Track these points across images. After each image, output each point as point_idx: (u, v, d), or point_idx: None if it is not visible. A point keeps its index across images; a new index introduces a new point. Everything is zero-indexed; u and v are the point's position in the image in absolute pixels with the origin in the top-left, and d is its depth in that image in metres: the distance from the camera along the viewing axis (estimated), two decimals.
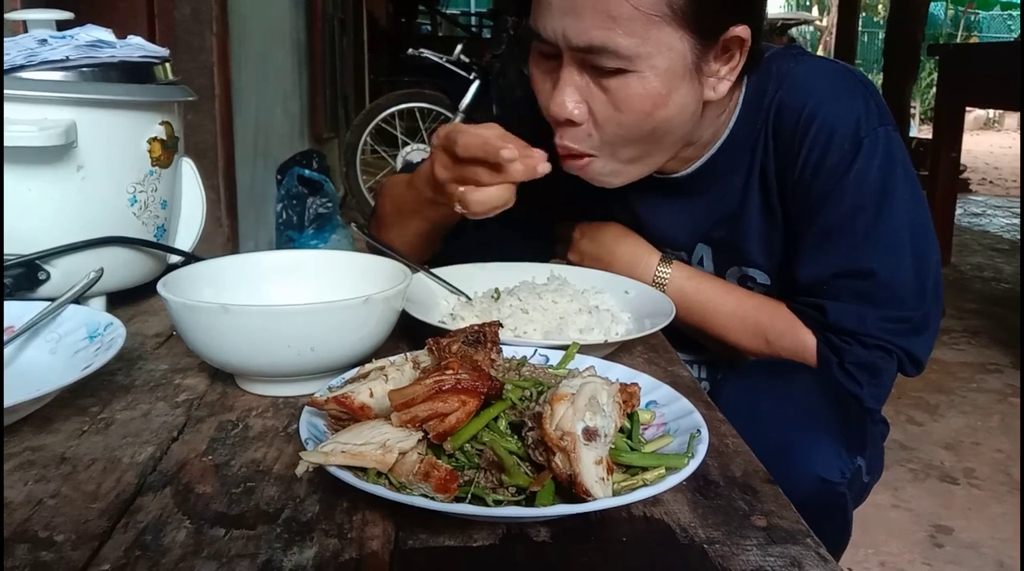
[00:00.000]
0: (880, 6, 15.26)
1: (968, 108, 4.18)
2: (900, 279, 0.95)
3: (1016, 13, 16.21)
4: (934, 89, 4.07)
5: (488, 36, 7.40)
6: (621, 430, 0.60)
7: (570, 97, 0.90)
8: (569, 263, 1.13)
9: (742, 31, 0.90)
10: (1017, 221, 6.06)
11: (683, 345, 1.16)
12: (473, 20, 10.25)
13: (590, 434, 0.54)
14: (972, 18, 16.97)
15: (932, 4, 10.11)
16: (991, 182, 8.14)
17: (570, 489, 0.53)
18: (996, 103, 4.77)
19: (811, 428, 0.85)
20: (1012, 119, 13.94)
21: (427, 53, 4.55)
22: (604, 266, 1.09)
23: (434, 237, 1.11)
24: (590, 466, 0.53)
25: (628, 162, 0.96)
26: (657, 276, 1.06)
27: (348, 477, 0.53)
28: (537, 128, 0.96)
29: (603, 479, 0.53)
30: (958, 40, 14.99)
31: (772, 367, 0.97)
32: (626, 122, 0.90)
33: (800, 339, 0.99)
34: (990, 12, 17.07)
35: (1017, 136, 12.78)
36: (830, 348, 0.97)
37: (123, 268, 0.97)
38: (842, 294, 0.96)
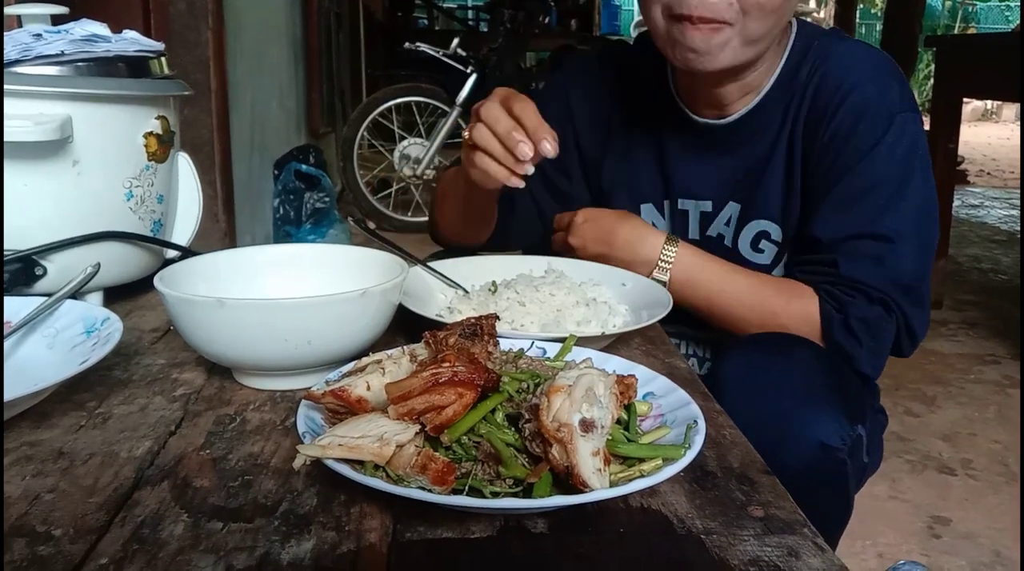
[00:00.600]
0: None
1: (966, 99, 4.17)
2: (909, 252, 1.00)
3: (1013, 4, 16.20)
4: (931, 80, 4.06)
5: (485, 29, 7.39)
6: (618, 421, 0.61)
7: None
8: (566, 252, 1.14)
9: None
10: (1015, 212, 6.06)
11: (686, 322, 1.18)
12: (470, 14, 10.24)
13: (587, 425, 0.54)
14: (969, 9, 16.95)
15: None
16: (989, 174, 8.14)
17: (567, 480, 0.53)
18: (994, 94, 4.77)
19: (811, 396, 0.88)
20: (1010, 110, 13.93)
21: (424, 47, 4.54)
22: (606, 248, 1.08)
23: (481, 218, 1.17)
24: (587, 457, 0.53)
25: (748, 42, 0.99)
26: (663, 256, 1.06)
27: (345, 470, 0.53)
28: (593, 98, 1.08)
29: (600, 470, 0.53)
30: (955, 31, 15.00)
31: (770, 341, 0.99)
32: None
33: (805, 304, 1.02)
34: (987, 3, 17.05)
35: (1015, 127, 12.78)
36: (834, 304, 1.00)
37: (120, 263, 0.97)
38: (856, 252, 1.00)
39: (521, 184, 0.95)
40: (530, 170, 0.94)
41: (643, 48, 1.17)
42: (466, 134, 0.97)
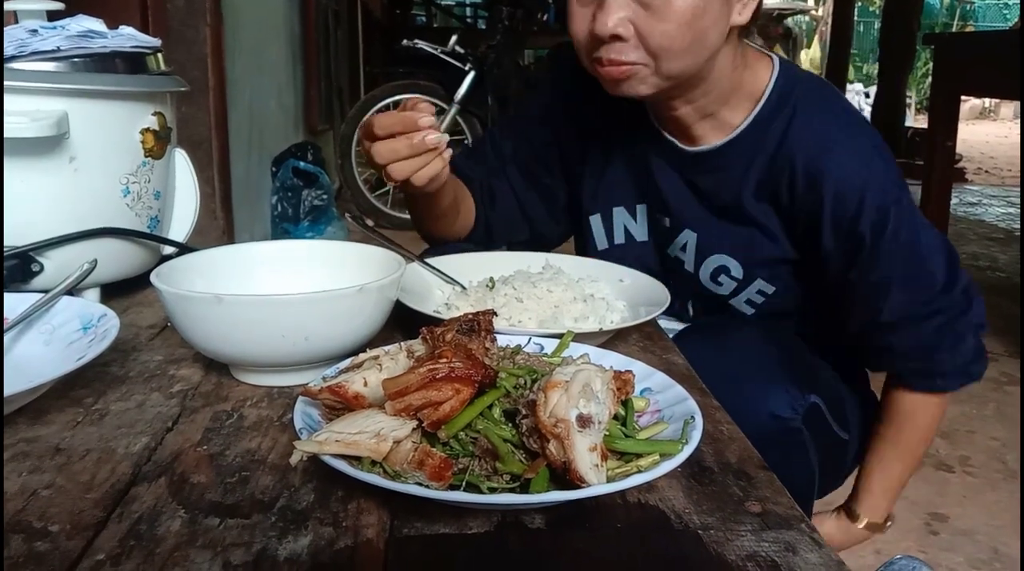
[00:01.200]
0: None
1: (964, 97, 4.17)
2: (935, 280, 1.04)
3: (1011, 2, 16.20)
4: (930, 78, 4.06)
5: (483, 27, 7.39)
6: (615, 417, 0.61)
7: (615, 14, 0.95)
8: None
9: None
10: (1012, 210, 6.06)
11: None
12: (468, 11, 10.22)
13: (584, 421, 0.54)
14: (967, 7, 16.95)
15: None
16: (987, 171, 8.15)
17: (564, 476, 0.53)
18: (991, 92, 4.77)
19: (757, 371, 0.93)
20: (1008, 108, 13.94)
21: (422, 44, 4.53)
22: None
23: (444, 215, 1.17)
24: (584, 453, 0.53)
25: (666, 77, 0.99)
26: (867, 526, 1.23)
27: (343, 466, 0.53)
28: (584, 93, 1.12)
29: (597, 466, 0.53)
30: (954, 29, 14.99)
31: (715, 326, 1.05)
32: (669, 31, 0.95)
33: (920, 408, 1.14)
34: (985, 1, 17.05)
35: (1013, 125, 12.79)
36: (920, 371, 1.09)
37: (117, 259, 0.97)
38: (893, 329, 1.05)
39: (448, 152, 0.97)
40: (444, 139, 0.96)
41: None
42: (369, 161, 0.99)
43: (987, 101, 13.57)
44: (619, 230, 1.19)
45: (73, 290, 0.86)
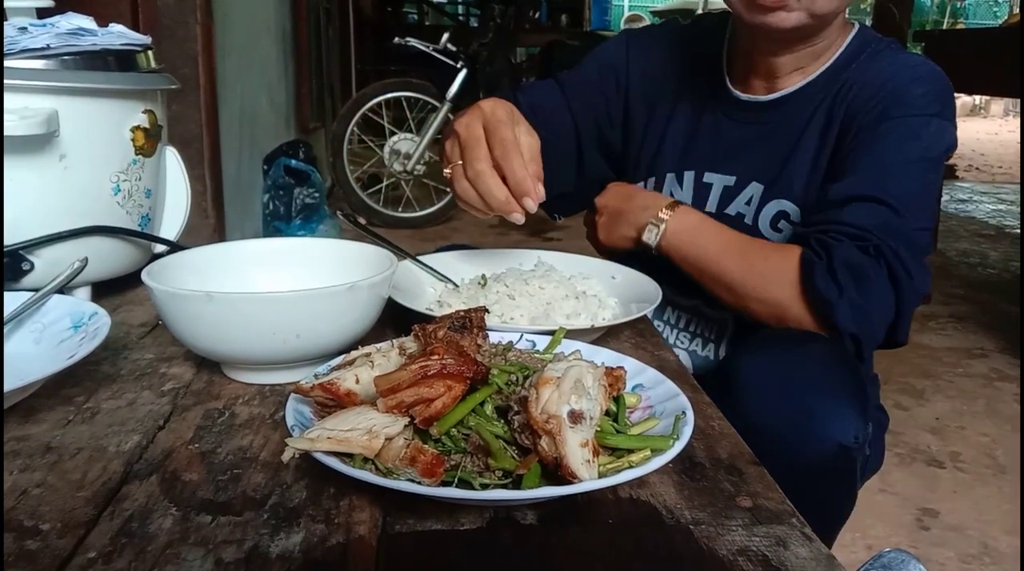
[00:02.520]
0: None
1: (955, 94, 4.19)
2: (915, 226, 0.98)
3: (1001, 0, 16.25)
4: None
5: (475, 24, 7.38)
6: (607, 413, 0.61)
7: None
8: (596, 248, 1.17)
9: None
10: (1003, 207, 6.09)
11: (686, 318, 1.20)
12: (460, 9, 10.20)
13: (576, 417, 0.54)
14: (958, 4, 17.00)
15: None
16: (977, 168, 8.18)
17: (556, 472, 0.53)
18: (982, 89, 4.79)
19: (828, 393, 0.85)
20: (998, 106, 13.99)
21: (414, 42, 4.52)
22: (626, 199, 1.12)
23: None
24: (576, 449, 0.53)
25: (812, 16, 1.00)
26: (661, 214, 1.06)
27: (335, 463, 0.53)
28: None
29: (589, 461, 0.53)
30: (944, 26, 15.03)
31: (785, 338, 0.96)
32: None
33: (787, 254, 0.98)
34: None
35: (1003, 123, 12.85)
36: (820, 249, 0.95)
37: (107, 258, 0.97)
38: (858, 207, 0.97)
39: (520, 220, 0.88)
40: (519, 219, 0.86)
41: (697, 27, 1.24)
42: (447, 164, 0.91)
43: (978, 98, 13.61)
44: (665, 196, 1.16)
45: (63, 288, 0.86)
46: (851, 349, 0.96)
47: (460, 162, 0.87)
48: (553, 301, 0.92)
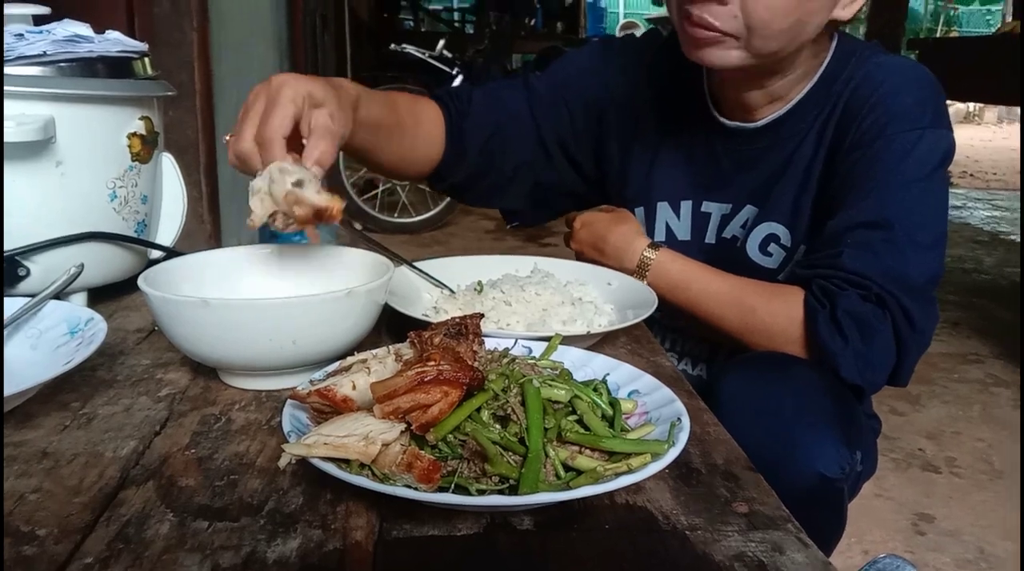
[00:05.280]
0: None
1: (948, 101, 4.21)
2: (916, 253, 0.95)
3: (995, 8, 16.33)
4: None
5: (471, 31, 7.40)
6: (603, 417, 0.61)
7: None
8: (576, 256, 1.16)
9: None
10: (997, 213, 6.11)
11: (672, 335, 1.18)
12: (456, 15, 10.23)
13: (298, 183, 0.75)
14: (951, 13, 17.08)
15: None
16: (971, 175, 8.21)
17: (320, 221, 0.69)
18: (975, 97, 4.81)
19: (812, 423, 0.84)
20: (992, 113, 14.06)
21: (410, 48, 4.54)
22: (599, 254, 1.11)
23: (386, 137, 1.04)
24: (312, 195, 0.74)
25: (755, 55, 0.96)
26: (642, 260, 1.07)
27: (331, 469, 0.54)
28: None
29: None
30: (938, 34, 15.10)
31: (771, 360, 0.96)
32: (776, 5, 0.91)
33: (786, 298, 0.97)
34: (969, 7, 17.19)
35: (997, 129, 12.90)
36: (822, 296, 0.94)
37: (104, 263, 0.97)
38: (863, 242, 0.95)
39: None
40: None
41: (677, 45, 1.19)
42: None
43: (971, 105, 13.66)
44: (660, 226, 1.16)
45: (60, 294, 0.86)
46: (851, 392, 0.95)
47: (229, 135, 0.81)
48: (549, 307, 0.92)
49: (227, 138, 0.82)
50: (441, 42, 4.58)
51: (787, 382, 0.88)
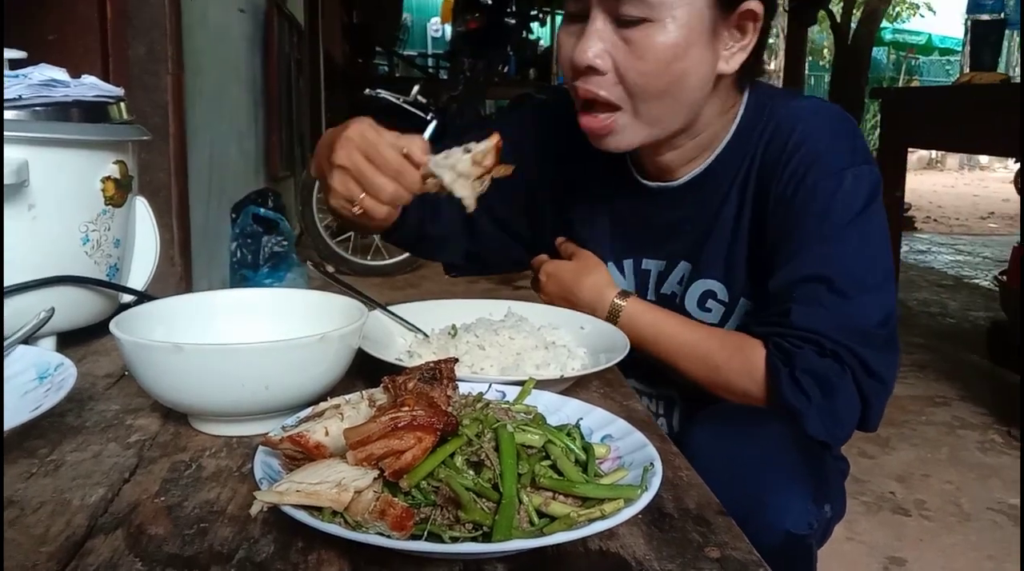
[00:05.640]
0: (826, 51, 15.74)
1: (911, 149, 4.31)
2: (865, 300, 0.96)
3: (953, 59, 16.84)
4: (878, 130, 4.19)
5: (445, 77, 7.48)
6: (577, 462, 0.61)
7: (595, 45, 0.94)
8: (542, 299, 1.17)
9: (756, 6, 0.97)
10: (960, 257, 6.24)
11: (642, 379, 1.18)
12: (430, 61, 10.34)
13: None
14: (913, 62, 17.60)
15: (875, 49, 10.47)
16: (935, 220, 8.39)
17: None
18: (936, 144, 4.94)
19: (780, 480, 0.84)
20: (954, 159, 14.41)
21: (384, 93, 4.58)
22: (570, 305, 1.12)
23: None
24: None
25: (649, 122, 0.99)
26: (611, 310, 1.08)
27: (303, 516, 0.53)
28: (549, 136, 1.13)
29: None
30: (900, 83, 15.53)
31: (742, 413, 0.97)
32: (647, 70, 0.94)
33: (748, 357, 0.98)
34: (929, 57, 17.73)
35: (959, 175, 13.22)
36: (781, 356, 0.96)
37: (74, 307, 0.96)
38: (807, 298, 0.96)
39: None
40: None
41: None
42: (349, 205, 0.93)
43: (934, 152, 14.01)
44: None
45: (29, 339, 0.85)
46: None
47: (363, 195, 0.91)
48: (523, 351, 0.93)
49: (356, 209, 0.91)
50: (416, 87, 4.63)
51: (755, 437, 0.89)
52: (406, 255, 4.58)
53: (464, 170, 0.87)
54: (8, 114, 0.88)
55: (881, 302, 0.98)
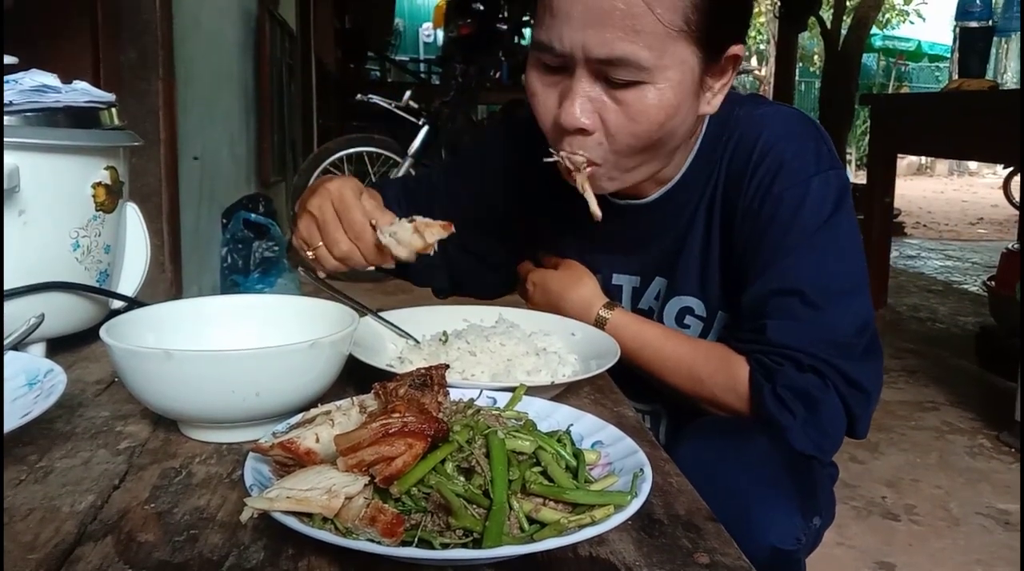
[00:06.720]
0: (816, 57, 15.83)
1: (901, 155, 4.34)
2: (839, 309, 0.96)
3: (942, 65, 16.94)
4: (868, 136, 4.22)
5: (437, 82, 7.49)
6: (567, 468, 0.62)
7: (583, 107, 0.91)
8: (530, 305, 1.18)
9: (739, 49, 0.95)
10: (950, 263, 6.27)
11: (628, 392, 1.18)
12: (422, 67, 10.35)
13: None
14: (902, 69, 17.70)
15: (865, 56, 10.53)
16: (924, 225, 8.43)
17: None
18: (925, 150, 4.97)
19: (767, 496, 0.83)
20: (943, 165, 14.50)
21: (376, 99, 4.58)
22: (559, 313, 1.11)
23: None
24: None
25: (628, 171, 0.98)
26: (599, 317, 1.08)
27: (293, 523, 0.53)
28: (527, 145, 1.09)
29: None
30: (890, 90, 15.62)
31: (729, 427, 0.97)
32: (639, 132, 0.92)
33: (732, 373, 0.98)
34: (919, 64, 17.83)
35: (948, 181, 13.29)
36: (763, 372, 0.95)
37: (64, 314, 0.96)
38: (782, 312, 0.96)
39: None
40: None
41: None
42: (307, 247, 0.99)
43: (923, 158, 14.10)
44: None
45: (18, 345, 0.84)
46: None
47: (320, 244, 0.97)
48: (514, 358, 0.93)
49: (310, 253, 0.99)
50: (408, 93, 4.63)
51: (741, 452, 0.88)
52: None
53: (405, 239, 0.92)
54: None
55: (856, 309, 0.97)
